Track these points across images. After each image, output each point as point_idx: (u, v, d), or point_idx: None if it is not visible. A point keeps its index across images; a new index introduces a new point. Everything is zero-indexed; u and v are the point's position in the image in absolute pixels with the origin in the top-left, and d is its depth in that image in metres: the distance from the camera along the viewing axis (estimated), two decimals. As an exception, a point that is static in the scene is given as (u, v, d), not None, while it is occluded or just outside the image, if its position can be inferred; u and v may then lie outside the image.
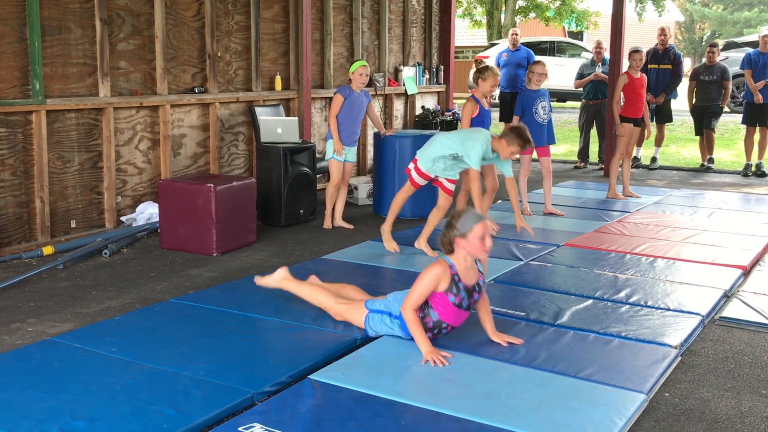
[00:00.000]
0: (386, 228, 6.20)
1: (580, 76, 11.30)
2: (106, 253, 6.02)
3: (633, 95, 8.28)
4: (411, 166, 6.07)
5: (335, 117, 7.04)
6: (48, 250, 5.97)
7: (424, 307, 4.00)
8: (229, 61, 7.87)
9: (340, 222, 7.23)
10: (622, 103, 8.40)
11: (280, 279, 4.66)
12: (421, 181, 6.06)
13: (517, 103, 7.84)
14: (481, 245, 3.92)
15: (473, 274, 4.02)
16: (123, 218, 6.82)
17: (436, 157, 5.89)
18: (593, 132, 11.30)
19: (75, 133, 6.44)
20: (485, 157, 5.84)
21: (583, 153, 11.40)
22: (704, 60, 10.88)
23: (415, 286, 3.94)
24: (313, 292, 4.52)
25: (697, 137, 11.08)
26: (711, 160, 11.04)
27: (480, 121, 6.74)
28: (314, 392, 3.50)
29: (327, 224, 7.16)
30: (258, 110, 7.88)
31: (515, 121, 7.61)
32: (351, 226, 7.16)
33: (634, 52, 8.29)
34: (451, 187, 6.03)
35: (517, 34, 11.45)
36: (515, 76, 11.16)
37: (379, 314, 4.17)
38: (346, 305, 4.35)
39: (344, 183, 7.24)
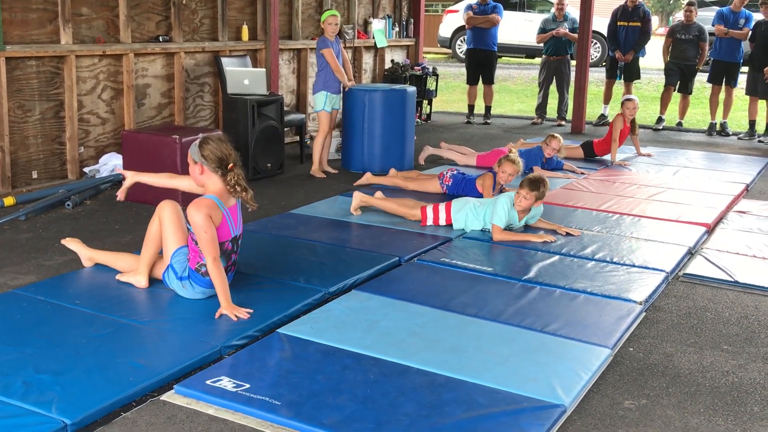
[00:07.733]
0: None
1: (542, 30, 11.18)
2: (68, 205, 5.91)
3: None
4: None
5: (339, 67, 7.26)
6: (9, 201, 5.84)
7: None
8: (194, 9, 7.68)
9: (326, 167, 7.57)
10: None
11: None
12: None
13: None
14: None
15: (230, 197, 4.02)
16: (86, 169, 6.69)
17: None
18: (552, 88, 11.24)
19: (36, 81, 6.27)
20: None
21: (541, 108, 11.31)
22: (681, 18, 10.84)
23: (199, 237, 3.80)
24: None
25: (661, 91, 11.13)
26: (680, 124, 11.10)
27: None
28: (283, 346, 3.49)
29: (316, 172, 7.42)
30: (224, 61, 7.72)
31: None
32: (336, 171, 7.56)
33: (627, 100, 8.33)
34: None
35: None
36: (483, 32, 10.87)
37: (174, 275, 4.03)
38: None
39: (330, 130, 7.54)
